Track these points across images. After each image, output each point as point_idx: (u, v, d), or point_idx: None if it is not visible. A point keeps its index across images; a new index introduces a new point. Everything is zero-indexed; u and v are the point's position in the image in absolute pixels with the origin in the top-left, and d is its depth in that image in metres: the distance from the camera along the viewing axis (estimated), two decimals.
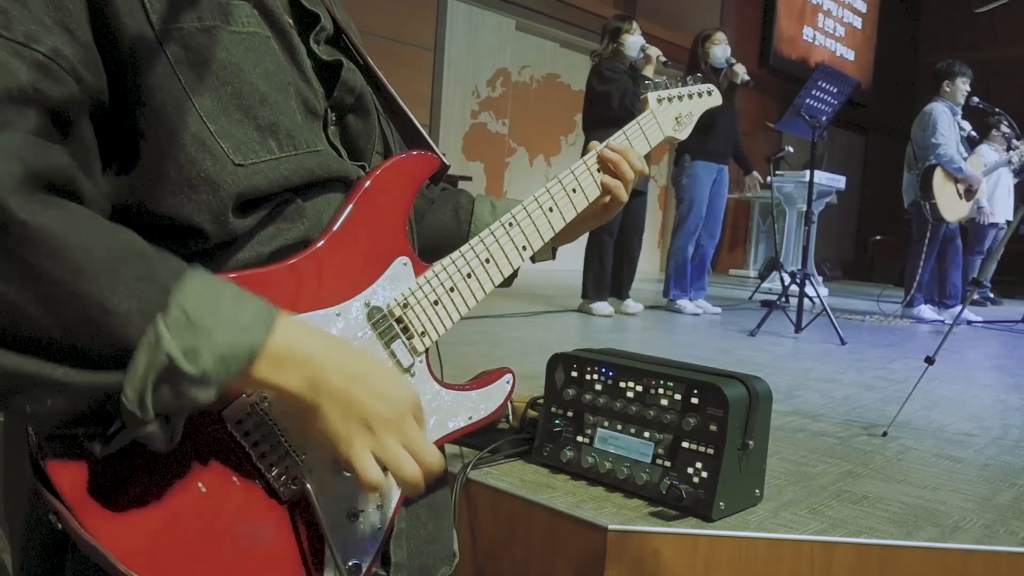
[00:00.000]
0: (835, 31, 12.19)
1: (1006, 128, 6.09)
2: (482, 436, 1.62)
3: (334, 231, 0.77)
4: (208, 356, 0.60)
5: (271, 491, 0.72)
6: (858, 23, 12.73)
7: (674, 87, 1.12)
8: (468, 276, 0.88)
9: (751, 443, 1.36)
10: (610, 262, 4.84)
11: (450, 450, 1.57)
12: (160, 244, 0.66)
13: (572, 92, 8.65)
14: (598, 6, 8.54)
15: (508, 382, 0.94)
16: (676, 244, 5.18)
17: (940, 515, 1.50)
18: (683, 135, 1.13)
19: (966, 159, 5.60)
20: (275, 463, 0.72)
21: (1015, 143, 6.09)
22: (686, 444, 1.38)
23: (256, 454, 0.71)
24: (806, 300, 4.56)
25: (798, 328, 4.36)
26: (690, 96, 1.14)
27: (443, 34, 7.25)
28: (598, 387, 1.51)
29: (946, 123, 5.51)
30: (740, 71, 4.98)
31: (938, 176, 5.48)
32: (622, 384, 1.48)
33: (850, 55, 12.51)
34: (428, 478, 0.72)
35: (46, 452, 0.62)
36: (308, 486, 0.73)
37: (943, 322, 5.50)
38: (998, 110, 5.84)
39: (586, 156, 1.01)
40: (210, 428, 0.69)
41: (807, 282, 4.54)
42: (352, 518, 0.78)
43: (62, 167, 0.60)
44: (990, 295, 7.49)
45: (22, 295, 0.56)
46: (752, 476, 1.43)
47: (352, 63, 0.87)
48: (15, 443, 0.69)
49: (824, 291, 6.07)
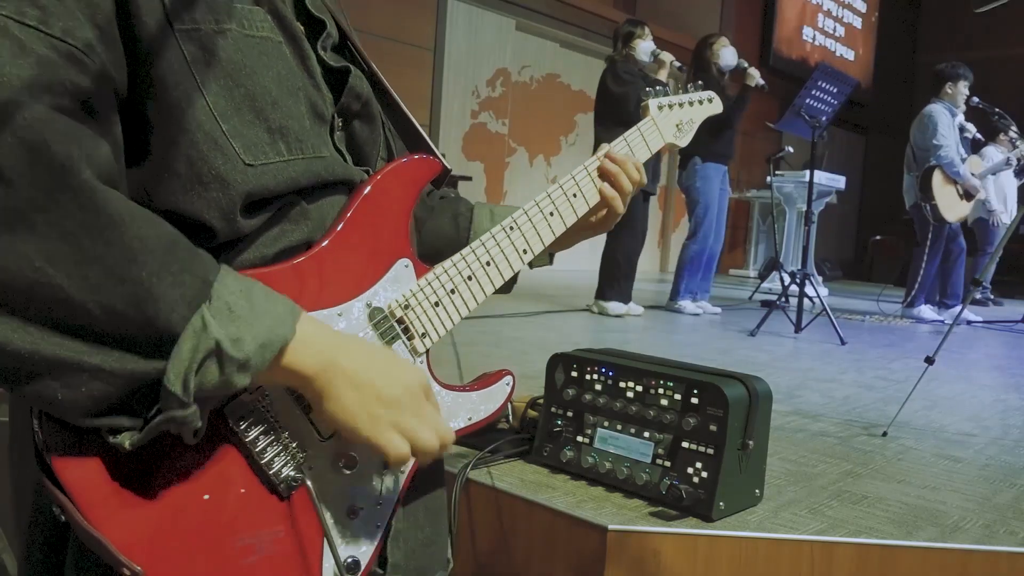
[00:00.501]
0: (835, 31, 12.20)
1: (1014, 132, 6.08)
2: (482, 436, 1.62)
3: (337, 232, 0.78)
4: (251, 343, 0.64)
5: (271, 487, 0.73)
6: (858, 23, 12.74)
7: (675, 94, 1.13)
8: (469, 279, 0.89)
9: (751, 443, 1.36)
10: (628, 263, 4.77)
11: (451, 450, 1.57)
12: None
13: (572, 92, 8.66)
14: (598, 6, 8.55)
15: (508, 384, 0.95)
16: (693, 248, 5.08)
17: (940, 515, 1.50)
18: (683, 142, 1.15)
19: (965, 160, 5.60)
20: (275, 460, 0.73)
21: (1019, 144, 6.08)
22: (686, 444, 1.38)
23: (257, 451, 0.72)
24: (806, 300, 4.56)
25: (798, 328, 4.36)
26: (691, 103, 1.15)
27: (443, 34, 7.25)
28: (598, 387, 1.51)
29: (946, 124, 5.50)
30: (755, 74, 4.99)
31: (937, 177, 5.47)
32: (622, 384, 1.48)
33: (850, 55, 12.51)
34: (443, 450, 0.77)
35: (52, 445, 0.63)
36: (308, 483, 0.75)
37: (943, 322, 5.50)
38: (998, 110, 5.84)
39: (588, 161, 1.02)
40: (212, 425, 0.70)
41: (807, 282, 4.54)
42: (351, 515, 0.79)
43: (110, 158, 0.63)
44: (991, 296, 7.49)
45: (71, 279, 0.58)
46: (752, 476, 1.43)
47: (358, 69, 0.89)
48: (21, 439, 0.70)
49: (824, 291, 6.07)
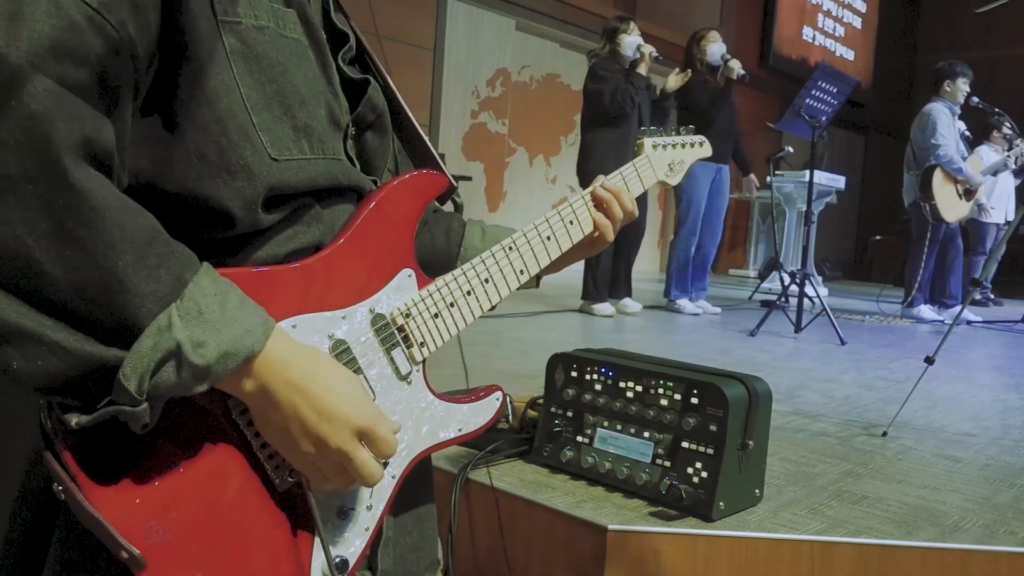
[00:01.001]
0: (835, 31, 12.19)
1: (1008, 129, 6.08)
2: (482, 436, 1.62)
3: (346, 238, 0.81)
4: (213, 350, 0.63)
5: (268, 481, 0.75)
6: (858, 23, 12.73)
7: (668, 135, 1.19)
8: (468, 293, 0.92)
9: (751, 443, 1.36)
10: (610, 262, 4.85)
11: (451, 450, 1.57)
12: (186, 226, 0.70)
13: (572, 92, 8.65)
14: (598, 6, 8.55)
15: (498, 399, 0.98)
16: (678, 244, 5.20)
17: (940, 515, 1.50)
18: (674, 181, 1.21)
19: (965, 159, 5.60)
20: (274, 454, 0.75)
21: (1016, 143, 6.08)
22: (686, 444, 1.38)
23: (257, 444, 0.74)
24: (806, 300, 4.56)
25: (798, 328, 4.36)
26: (683, 145, 1.21)
27: (443, 34, 7.25)
28: (598, 387, 1.51)
29: (946, 123, 5.50)
30: (735, 66, 4.99)
31: (937, 177, 5.47)
32: (622, 384, 1.48)
33: (850, 55, 12.51)
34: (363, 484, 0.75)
35: (60, 427, 0.64)
36: (304, 479, 0.76)
37: (943, 322, 5.49)
38: (998, 110, 5.84)
39: (584, 191, 1.07)
40: (215, 415, 0.72)
41: (807, 282, 4.54)
42: (342, 516, 0.81)
43: (110, 142, 0.63)
44: (991, 295, 7.49)
45: (47, 253, 0.57)
46: (752, 476, 1.43)
47: (375, 82, 0.91)
48: (5, 418, 0.71)
49: (824, 291, 6.07)
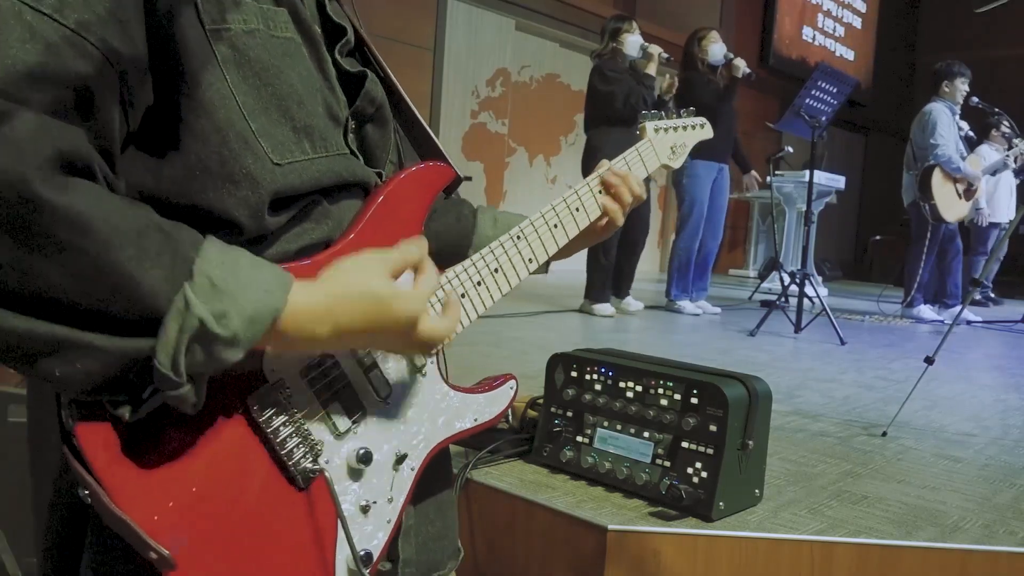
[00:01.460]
0: (835, 31, 12.20)
1: (1007, 128, 6.09)
2: (482, 436, 1.62)
3: (356, 232, 0.81)
4: (236, 318, 0.63)
5: (290, 478, 0.75)
6: (858, 23, 12.73)
7: (670, 118, 1.19)
8: (478, 284, 0.93)
9: (751, 443, 1.37)
10: (612, 263, 4.85)
11: (451, 450, 1.57)
12: None
13: (572, 92, 8.65)
14: (598, 6, 8.54)
15: (512, 388, 0.99)
16: (680, 244, 5.18)
17: (940, 515, 1.50)
18: (676, 164, 1.21)
19: (965, 159, 5.60)
20: (294, 451, 0.75)
21: (1015, 142, 6.08)
22: (686, 444, 1.38)
23: (278, 441, 0.74)
24: (806, 300, 4.56)
25: (798, 328, 4.36)
26: (684, 128, 1.21)
27: (443, 34, 7.24)
28: (598, 387, 1.51)
29: (945, 123, 5.50)
30: (740, 64, 4.99)
31: (937, 176, 5.48)
32: (622, 384, 1.48)
33: (850, 55, 12.51)
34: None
35: (81, 429, 0.64)
36: (327, 475, 0.76)
37: (943, 322, 5.50)
38: (997, 110, 5.84)
39: (589, 178, 1.07)
40: (234, 413, 0.72)
41: (807, 282, 4.54)
42: (364, 509, 0.81)
43: (83, 149, 0.62)
44: (991, 295, 7.49)
45: (53, 268, 0.58)
46: (752, 476, 1.43)
47: (373, 74, 0.91)
48: (41, 427, 0.72)
49: (824, 291, 6.07)
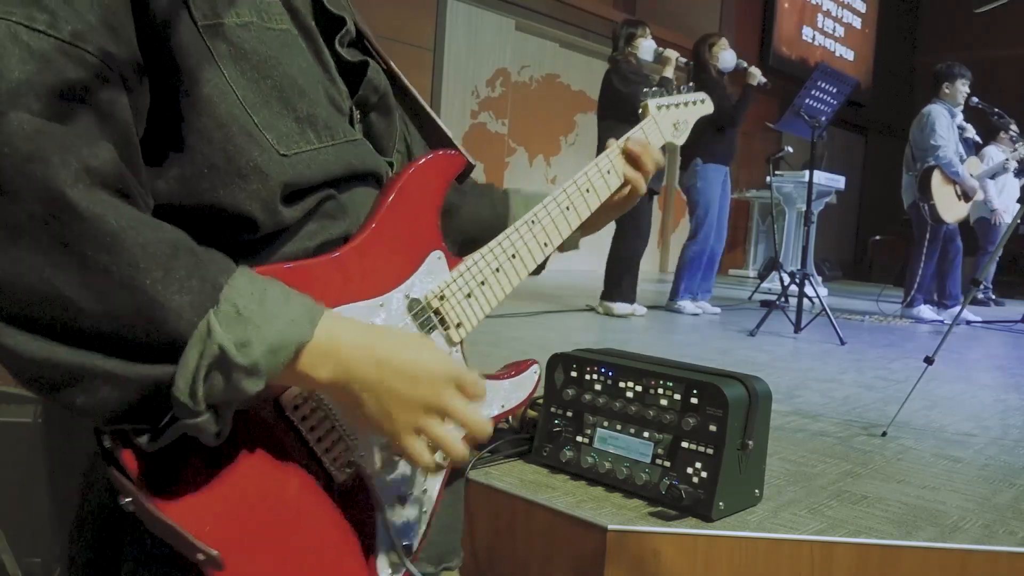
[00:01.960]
0: (835, 31, 12.20)
1: (1014, 131, 6.08)
2: None
3: (375, 226, 0.81)
4: (258, 348, 0.62)
5: (326, 474, 0.76)
6: (858, 23, 12.73)
7: (671, 95, 1.18)
8: (496, 271, 0.93)
9: (751, 443, 1.37)
10: (639, 263, 4.79)
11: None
12: (212, 235, 0.69)
13: (572, 92, 8.66)
14: (598, 6, 8.55)
15: (536, 372, 0.99)
16: (694, 248, 5.09)
17: (940, 515, 1.50)
18: (680, 141, 1.20)
19: (964, 160, 5.60)
20: (330, 447, 0.76)
21: (1018, 145, 6.08)
22: (686, 444, 1.38)
23: (312, 438, 0.75)
24: (806, 300, 4.56)
25: (798, 328, 4.36)
26: (686, 104, 1.20)
27: (443, 34, 7.25)
28: (598, 387, 1.51)
29: (945, 125, 5.50)
30: (756, 73, 5.03)
31: (936, 177, 5.47)
32: (622, 384, 1.48)
33: (849, 55, 12.51)
34: (476, 443, 0.75)
35: (119, 439, 0.64)
36: (364, 469, 0.77)
37: (943, 322, 5.49)
38: (998, 110, 5.84)
39: (599, 158, 1.06)
40: (268, 413, 0.72)
41: (807, 282, 4.54)
42: (401, 501, 0.82)
43: (113, 163, 0.62)
44: (992, 295, 7.48)
45: (76, 287, 0.58)
46: (752, 476, 1.43)
47: (375, 64, 0.91)
48: (58, 443, 0.72)
49: (824, 291, 6.07)
